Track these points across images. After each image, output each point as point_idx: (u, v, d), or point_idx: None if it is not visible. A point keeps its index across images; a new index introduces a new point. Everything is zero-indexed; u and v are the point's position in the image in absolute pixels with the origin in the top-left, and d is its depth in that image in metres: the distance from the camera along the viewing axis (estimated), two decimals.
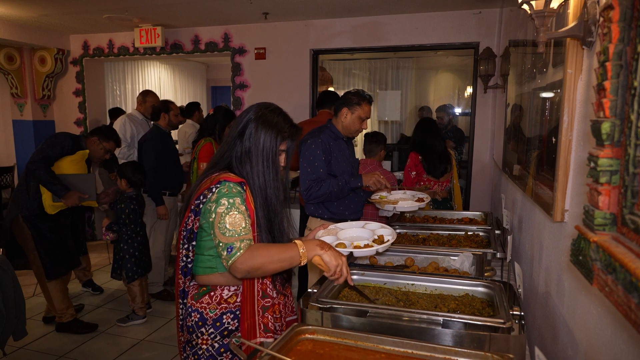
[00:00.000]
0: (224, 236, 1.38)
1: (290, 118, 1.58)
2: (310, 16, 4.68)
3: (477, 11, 4.29)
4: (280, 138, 1.50)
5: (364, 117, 2.65)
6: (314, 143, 2.59)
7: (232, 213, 1.40)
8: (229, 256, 1.37)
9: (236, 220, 1.39)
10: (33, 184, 3.28)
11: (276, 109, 1.56)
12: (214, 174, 1.51)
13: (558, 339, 1.33)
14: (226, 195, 1.42)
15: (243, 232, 1.39)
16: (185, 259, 1.54)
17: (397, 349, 1.19)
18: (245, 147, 1.50)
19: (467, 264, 1.83)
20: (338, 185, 2.55)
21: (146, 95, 4.58)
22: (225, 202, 1.41)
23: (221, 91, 9.59)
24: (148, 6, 4.38)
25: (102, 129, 3.64)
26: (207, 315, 1.52)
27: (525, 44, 2.19)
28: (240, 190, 1.45)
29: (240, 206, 1.42)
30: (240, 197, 1.44)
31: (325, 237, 1.74)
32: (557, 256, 1.38)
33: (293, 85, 4.95)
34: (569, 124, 1.25)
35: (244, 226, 1.40)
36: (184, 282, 1.56)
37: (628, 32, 0.62)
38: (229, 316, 1.53)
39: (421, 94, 7.41)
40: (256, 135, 1.49)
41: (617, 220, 0.64)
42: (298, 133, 1.56)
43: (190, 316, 1.54)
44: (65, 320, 3.47)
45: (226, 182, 1.45)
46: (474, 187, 4.56)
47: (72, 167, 3.44)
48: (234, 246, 1.37)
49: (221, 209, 1.41)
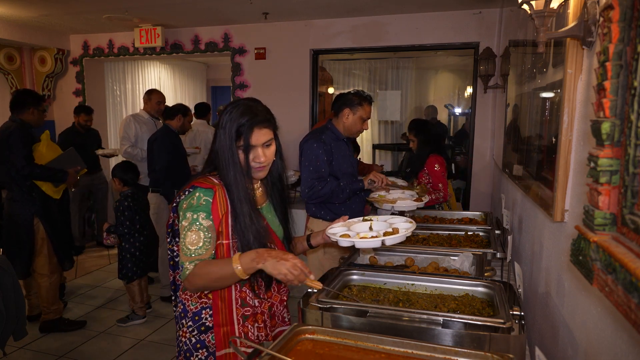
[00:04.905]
0: (181, 253, 1.40)
1: (253, 109, 1.44)
2: (310, 16, 4.68)
3: (477, 11, 4.29)
4: (235, 134, 1.41)
5: (366, 118, 2.65)
6: (316, 143, 2.59)
7: (192, 230, 1.39)
8: (180, 276, 1.40)
9: (193, 238, 1.38)
10: (29, 183, 3.33)
11: (241, 102, 1.46)
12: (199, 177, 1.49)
13: (558, 339, 1.33)
14: (191, 209, 1.40)
15: (196, 252, 1.38)
16: (171, 253, 1.56)
17: (397, 349, 1.19)
18: (216, 146, 1.47)
19: (467, 264, 1.83)
20: (339, 186, 2.55)
21: (151, 94, 4.58)
22: (190, 216, 1.40)
23: (221, 91, 9.58)
24: (148, 6, 4.38)
25: (30, 98, 3.50)
26: (189, 307, 1.51)
27: (525, 44, 2.19)
28: (208, 199, 1.42)
29: (203, 221, 1.39)
30: (206, 210, 1.40)
31: (335, 228, 1.67)
32: (557, 256, 1.38)
33: (293, 85, 4.95)
34: (569, 124, 1.25)
35: (200, 245, 1.38)
36: (174, 275, 1.58)
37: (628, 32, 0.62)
38: (207, 312, 1.50)
39: (421, 94, 7.41)
40: (219, 133, 1.45)
41: (617, 220, 0.64)
42: (254, 127, 1.41)
43: (177, 307, 1.56)
44: (52, 318, 3.49)
45: (197, 189, 1.43)
46: (474, 187, 4.56)
47: (51, 151, 3.54)
48: (183, 266, 1.38)
49: (185, 223, 1.40)
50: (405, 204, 2.52)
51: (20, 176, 3.27)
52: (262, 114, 1.45)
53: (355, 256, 1.96)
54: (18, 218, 3.36)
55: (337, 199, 2.60)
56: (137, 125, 4.50)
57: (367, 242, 1.55)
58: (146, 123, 4.54)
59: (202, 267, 1.36)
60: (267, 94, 5.01)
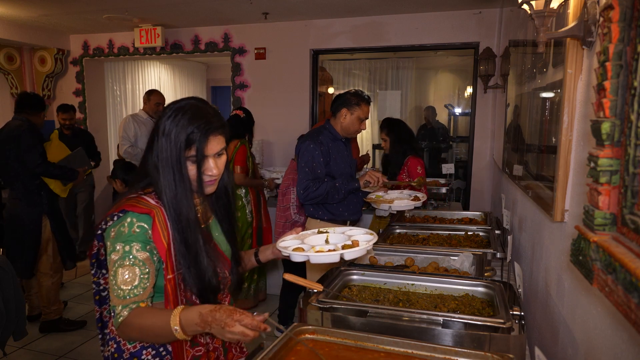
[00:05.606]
0: (112, 294, 1.17)
1: (204, 114, 1.23)
2: (310, 16, 4.68)
3: (477, 11, 4.29)
4: (185, 142, 1.19)
5: (363, 118, 2.64)
6: (312, 144, 2.58)
7: (125, 265, 1.15)
8: (113, 321, 1.16)
9: (127, 277, 1.14)
10: (37, 182, 3.35)
11: (186, 105, 1.24)
12: (130, 195, 1.26)
13: (558, 339, 1.33)
14: (123, 240, 1.16)
15: (131, 293, 1.14)
16: (96, 287, 1.32)
17: (397, 349, 1.19)
18: (154, 156, 1.23)
19: (467, 264, 1.83)
20: (335, 187, 2.55)
21: (150, 95, 4.59)
22: (120, 248, 1.16)
23: (221, 91, 9.57)
24: (148, 6, 4.38)
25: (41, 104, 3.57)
26: (125, 346, 1.26)
27: (525, 44, 2.19)
28: (143, 227, 1.18)
29: (138, 254, 1.16)
30: (141, 239, 1.17)
31: (287, 241, 1.50)
32: (557, 256, 1.38)
33: (293, 85, 4.95)
34: (569, 124, 1.25)
35: (136, 284, 1.15)
36: (100, 311, 1.34)
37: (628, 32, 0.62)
38: (149, 352, 1.26)
39: (421, 94, 7.41)
40: (160, 141, 1.21)
41: (617, 220, 0.64)
42: (209, 134, 1.21)
43: (107, 345, 1.30)
44: (52, 318, 3.49)
45: (128, 214, 1.19)
46: (474, 187, 4.56)
47: (61, 150, 3.66)
48: (115, 311, 1.15)
49: (115, 256, 1.16)
50: (403, 204, 2.52)
51: (29, 175, 3.28)
52: (216, 118, 1.25)
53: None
54: (24, 217, 3.36)
55: (332, 199, 2.60)
56: (136, 125, 4.51)
57: (323, 257, 1.36)
58: (145, 123, 4.55)
59: (136, 317, 1.13)
60: (267, 94, 5.02)
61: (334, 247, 1.43)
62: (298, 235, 1.57)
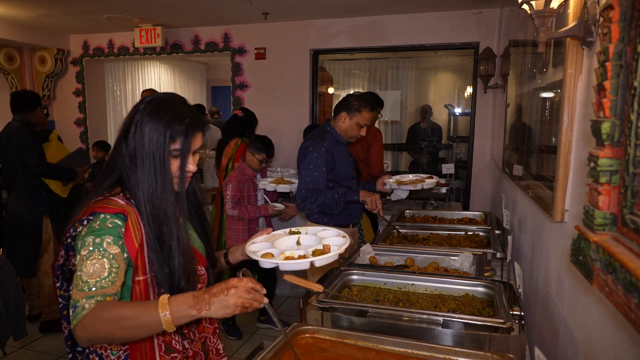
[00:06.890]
0: (75, 289, 1.04)
1: (188, 109, 1.20)
2: (310, 16, 4.68)
3: (477, 11, 4.29)
4: (169, 135, 1.14)
5: (363, 124, 2.49)
6: (317, 151, 2.44)
7: (94, 257, 1.06)
8: (72, 317, 1.02)
9: (96, 268, 1.05)
10: (37, 182, 3.36)
11: (169, 98, 1.21)
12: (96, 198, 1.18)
13: (558, 339, 1.33)
14: (94, 233, 1.08)
15: (97, 285, 1.03)
16: (63, 301, 1.20)
17: (397, 349, 1.19)
18: (130, 148, 1.16)
19: (467, 264, 1.83)
20: (334, 198, 2.45)
21: (143, 94, 4.59)
22: (91, 241, 1.07)
23: (221, 91, 9.58)
24: (148, 6, 4.38)
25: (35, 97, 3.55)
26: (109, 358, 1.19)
27: (525, 44, 2.19)
28: (117, 223, 1.11)
29: (109, 247, 1.08)
30: (114, 234, 1.10)
31: (257, 245, 1.43)
32: (557, 256, 1.38)
33: (293, 85, 4.95)
34: (569, 124, 1.26)
35: (104, 276, 1.05)
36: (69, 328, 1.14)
37: (628, 32, 0.62)
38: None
39: (421, 94, 7.41)
40: (140, 133, 1.15)
41: (617, 220, 0.64)
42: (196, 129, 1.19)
43: (87, 358, 1.21)
44: (52, 318, 3.49)
45: (99, 215, 1.11)
46: (474, 187, 4.56)
47: (60, 150, 3.65)
48: (77, 304, 1.02)
49: (84, 251, 1.07)
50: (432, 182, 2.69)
51: (30, 175, 3.29)
52: (199, 116, 1.22)
53: (355, 256, 1.96)
54: (26, 217, 3.37)
55: (331, 210, 2.51)
56: None
57: (293, 264, 1.29)
58: None
59: (108, 309, 1.01)
60: (267, 94, 5.02)
61: (304, 252, 1.33)
62: (269, 236, 1.49)
